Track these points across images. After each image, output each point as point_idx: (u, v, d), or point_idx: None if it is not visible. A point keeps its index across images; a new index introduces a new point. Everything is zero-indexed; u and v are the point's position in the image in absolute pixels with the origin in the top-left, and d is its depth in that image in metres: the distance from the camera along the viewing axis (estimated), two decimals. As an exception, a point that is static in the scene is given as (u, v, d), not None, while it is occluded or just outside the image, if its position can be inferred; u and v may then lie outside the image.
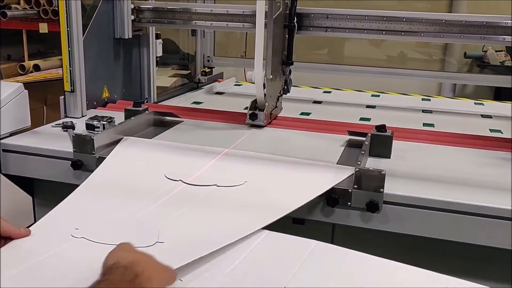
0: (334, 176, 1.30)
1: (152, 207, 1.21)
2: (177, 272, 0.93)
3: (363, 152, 1.43)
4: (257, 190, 1.29)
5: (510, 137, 1.77)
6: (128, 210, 1.19)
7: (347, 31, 1.88)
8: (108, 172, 1.38)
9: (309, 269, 0.99)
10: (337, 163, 1.44)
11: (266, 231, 1.12)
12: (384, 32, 1.85)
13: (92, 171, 1.46)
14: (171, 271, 0.91)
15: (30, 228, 1.10)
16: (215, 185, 1.30)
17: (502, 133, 1.97)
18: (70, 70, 1.81)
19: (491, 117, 2.26)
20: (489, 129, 2.02)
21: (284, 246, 1.08)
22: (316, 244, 1.07)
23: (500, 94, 4.34)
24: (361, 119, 2.11)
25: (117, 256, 0.87)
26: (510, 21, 1.71)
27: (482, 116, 2.29)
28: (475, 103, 2.59)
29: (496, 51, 4.78)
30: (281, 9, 1.77)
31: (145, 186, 1.30)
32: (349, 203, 1.26)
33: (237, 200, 1.24)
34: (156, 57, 2.28)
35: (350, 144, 1.64)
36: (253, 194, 1.26)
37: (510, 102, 2.51)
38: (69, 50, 1.79)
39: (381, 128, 1.56)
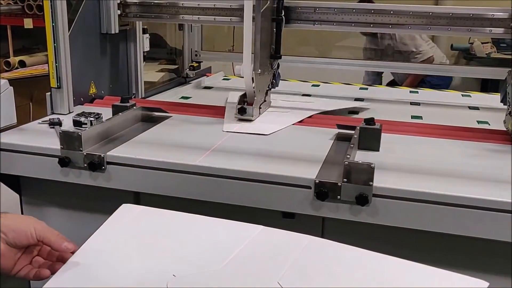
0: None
1: None
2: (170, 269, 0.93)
3: (352, 145, 1.43)
4: None
5: (497, 128, 1.78)
6: None
7: (334, 24, 1.88)
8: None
9: (302, 264, 0.99)
10: (326, 157, 1.45)
11: (261, 227, 1.12)
12: (372, 25, 1.85)
13: (79, 168, 1.45)
14: None
15: None
16: None
17: (489, 124, 1.98)
18: (56, 66, 1.78)
19: (478, 109, 2.28)
20: (477, 121, 2.03)
21: (277, 242, 1.08)
22: (310, 239, 1.07)
23: (487, 86, 4.38)
24: (350, 112, 2.11)
25: None
26: (496, 13, 1.72)
27: (470, 107, 2.31)
28: (462, 95, 2.60)
29: (482, 43, 4.82)
30: (268, 2, 1.76)
31: None
32: (339, 197, 1.27)
33: None
34: (143, 52, 2.25)
35: (339, 138, 1.64)
36: None
37: (497, 93, 2.53)
38: (54, 46, 1.77)
39: (370, 121, 1.56)
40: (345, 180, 1.26)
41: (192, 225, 1.15)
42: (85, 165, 1.44)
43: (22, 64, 3.91)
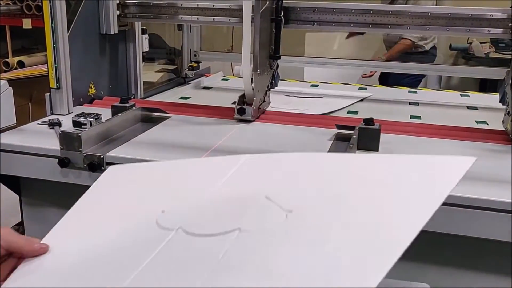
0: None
1: None
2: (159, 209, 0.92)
3: (351, 145, 1.44)
4: None
5: (496, 128, 1.79)
6: None
7: (333, 24, 1.88)
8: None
9: (289, 176, 0.95)
10: (325, 157, 1.45)
11: (246, 155, 1.05)
12: (370, 25, 1.86)
13: (79, 168, 1.45)
14: None
15: None
16: None
17: (487, 124, 1.99)
18: (55, 66, 1.78)
19: (477, 109, 2.28)
20: (475, 121, 2.03)
21: (263, 163, 1.03)
22: (300, 155, 1.02)
23: (485, 86, 4.39)
24: (349, 112, 2.11)
25: None
26: (495, 13, 1.73)
27: (468, 107, 2.31)
28: (461, 95, 2.61)
29: (481, 43, 4.82)
30: (267, 3, 1.77)
31: None
32: (339, 197, 1.26)
33: None
34: (143, 52, 2.26)
35: (338, 138, 1.64)
36: None
37: (496, 93, 2.54)
38: (54, 47, 1.77)
39: (369, 121, 1.56)
40: (345, 180, 1.25)
41: (176, 168, 1.11)
42: (85, 165, 1.44)
43: (21, 64, 3.91)
